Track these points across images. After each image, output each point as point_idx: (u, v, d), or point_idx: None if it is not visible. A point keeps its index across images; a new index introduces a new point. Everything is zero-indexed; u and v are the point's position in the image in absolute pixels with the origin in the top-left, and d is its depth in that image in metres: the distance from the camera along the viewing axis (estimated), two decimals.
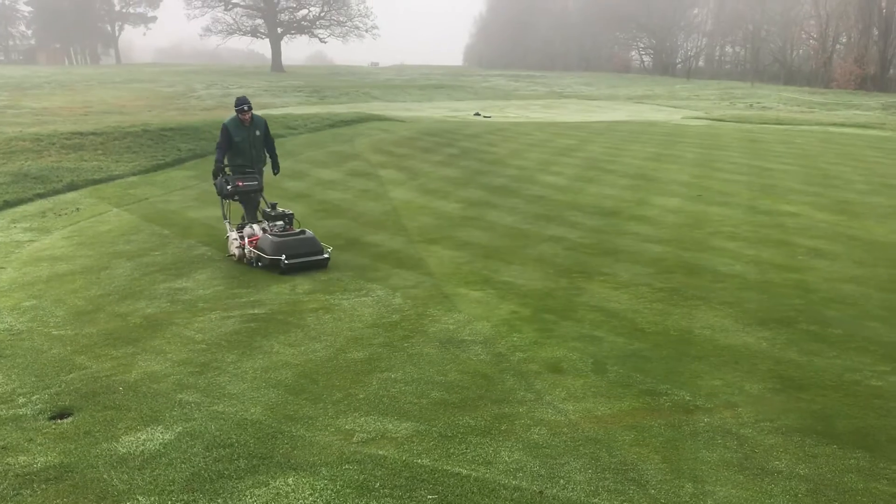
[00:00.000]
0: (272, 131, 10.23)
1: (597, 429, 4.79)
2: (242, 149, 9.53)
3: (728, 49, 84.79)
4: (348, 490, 4.08)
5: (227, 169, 9.48)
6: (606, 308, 7.21)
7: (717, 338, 6.44)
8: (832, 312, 7.14)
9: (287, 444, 4.60)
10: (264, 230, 8.84)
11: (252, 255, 8.73)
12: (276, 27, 70.89)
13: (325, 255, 8.71)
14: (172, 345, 6.35)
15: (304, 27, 73.44)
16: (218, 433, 4.74)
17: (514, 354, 6.03)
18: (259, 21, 71.51)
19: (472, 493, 4.06)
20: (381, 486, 4.12)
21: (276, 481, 4.18)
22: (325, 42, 76.65)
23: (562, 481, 4.17)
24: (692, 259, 9.00)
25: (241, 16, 71.22)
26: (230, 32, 71.01)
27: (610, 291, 7.75)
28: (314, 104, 35.09)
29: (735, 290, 7.78)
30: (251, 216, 9.61)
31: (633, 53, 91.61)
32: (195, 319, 6.99)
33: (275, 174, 10.27)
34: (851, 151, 20.21)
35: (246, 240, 8.85)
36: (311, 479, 4.19)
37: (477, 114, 30.71)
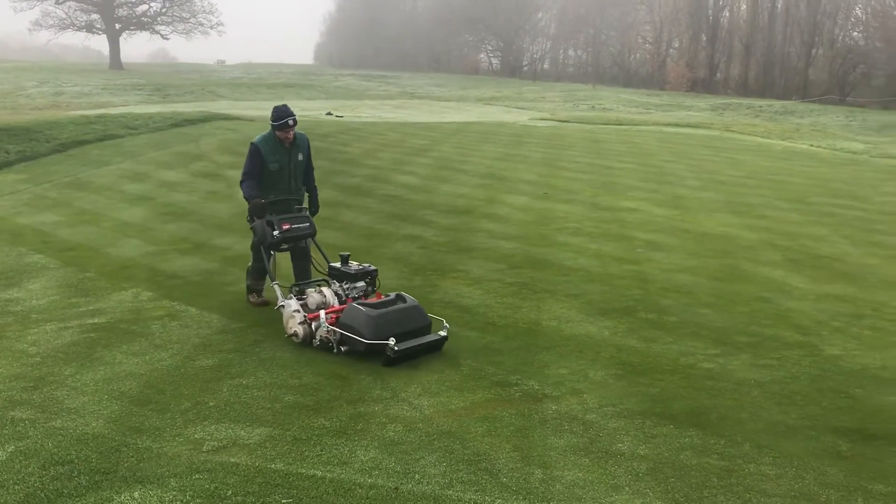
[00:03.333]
0: None
1: (451, 422, 4.88)
2: (279, 179, 7.03)
3: (571, 52, 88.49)
4: (199, 500, 3.96)
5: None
6: (460, 304, 7.36)
7: (563, 328, 6.71)
8: (668, 301, 7.59)
9: (132, 456, 4.40)
10: (337, 295, 6.51)
11: (332, 335, 6.05)
12: (114, 23, 67.36)
13: (443, 334, 6.15)
14: (3, 359, 5.92)
15: (144, 23, 70.19)
16: (56, 450, 4.47)
17: None
18: (95, 16, 67.71)
19: (328, 494, 4.03)
20: (233, 493, 4.02)
21: (120, 496, 3.99)
22: (168, 39, 73.66)
23: (417, 476, 4.22)
24: (539, 254, 9.32)
25: (75, 10, 67.06)
26: (63, 27, 66.85)
27: (463, 287, 7.90)
28: (156, 103, 33.66)
29: (579, 283, 8.13)
30: (301, 272, 7.25)
31: (483, 55, 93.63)
32: (28, 332, 6.56)
33: (312, 215, 7.50)
34: (684, 150, 21.56)
35: (322, 313, 6.11)
36: (160, 491, 4.03)
37: (329, 113, 30.45)
